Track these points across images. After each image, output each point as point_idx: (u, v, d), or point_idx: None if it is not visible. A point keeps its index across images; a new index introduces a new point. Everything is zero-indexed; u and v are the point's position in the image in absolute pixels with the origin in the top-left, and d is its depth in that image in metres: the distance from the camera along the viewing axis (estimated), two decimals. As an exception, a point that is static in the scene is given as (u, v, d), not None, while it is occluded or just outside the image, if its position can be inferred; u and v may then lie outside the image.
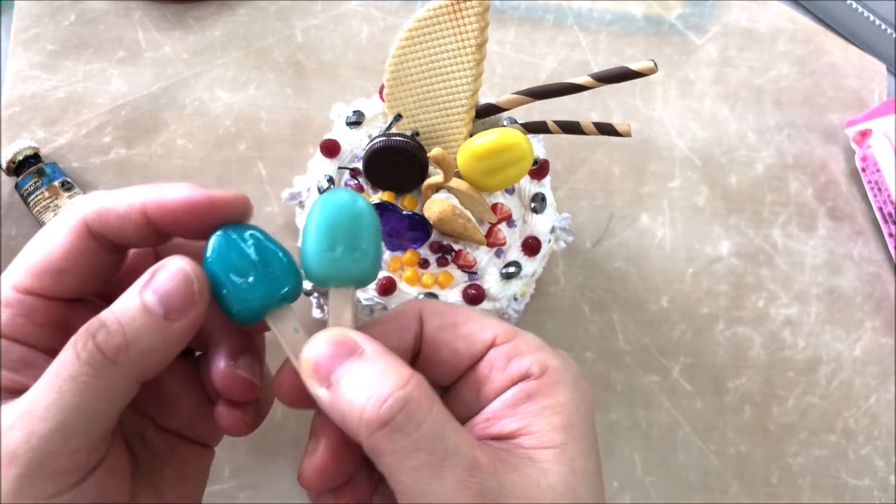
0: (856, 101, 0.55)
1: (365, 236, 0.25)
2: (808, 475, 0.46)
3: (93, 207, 0.24)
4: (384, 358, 0.23)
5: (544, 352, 0.25)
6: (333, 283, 0.25)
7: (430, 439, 0.22)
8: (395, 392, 0.22)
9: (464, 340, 0.26)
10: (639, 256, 0.49)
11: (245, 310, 0.24)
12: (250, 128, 0.49)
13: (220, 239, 0.24)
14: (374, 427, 0.22)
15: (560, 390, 0.24)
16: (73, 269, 0.24)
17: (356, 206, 0.25)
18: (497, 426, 0.25)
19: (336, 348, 0.23)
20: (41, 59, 0.49)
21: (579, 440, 0.24)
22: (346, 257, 0.25)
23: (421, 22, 0.34)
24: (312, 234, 0.25)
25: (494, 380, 0.25)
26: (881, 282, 0.50)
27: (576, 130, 0.36)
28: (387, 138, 0.35)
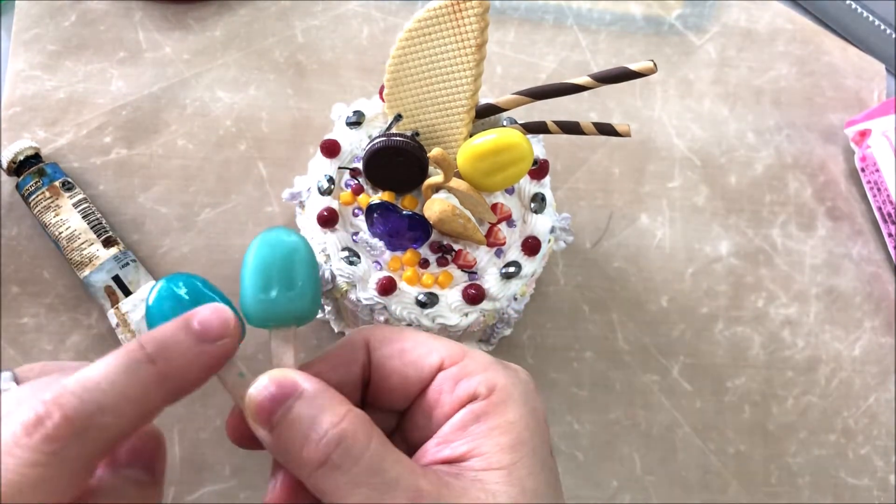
0: (855, 101, 0.55)
1: (300, 274, 0.25)
2: (807, 475, 0.46)
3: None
4: (322, 395, 0.23)
5: (493, 370, 0.25)
6: (273, 324, 0.25)
7: (369, 474, 0.22)
8: (331, 429, 0.22)
9: (412, 366, 0.26)
10: (638, 256, 0.49)
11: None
12: (250, 128, 0.49)
13: (160, 291, 0.25)
14: (312, 466, 0.22)
15: (508, 408, 0.24)
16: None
17: (287, 243, 0.25)
18: (447, 449, 0.25)
19: (276, 390, 0.23)
20: (42, 60, 0.49)
21: (528, 457, 0.24)
22: (282, 298, 0.25)
23: (421, 22, 0.34)
24: (247, 278, 0.25)
25: (444, 403, 0.25)
26: (880, 282, 0.51)
27: (575, 131, 0.36)
28: (387, 138, 0.35)
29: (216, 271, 0.45)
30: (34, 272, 0.44)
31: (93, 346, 0.43)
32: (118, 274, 0.43)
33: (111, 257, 0.43)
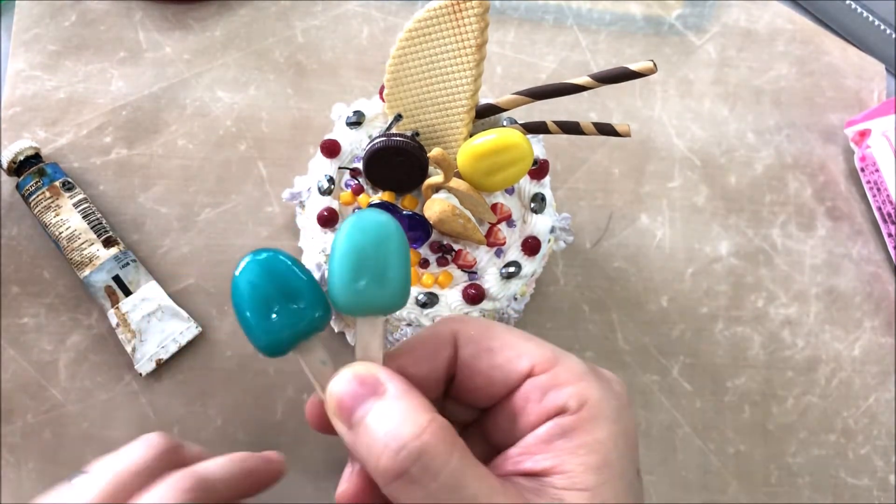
0: (855, 101, 0.56)
1: (392, 264, 0.24)
2: (807, 475, 0.46)
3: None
4: (405, 399, 0.23)
5: (586, 381, 0.24)
6: (360, 313, 0.24)
7: (447, 491, 0.21)
8: (411, 442, 0.21)
9: (499, 370, 0.25)
10: (638, 256, 0.49)
11: (272, 343, 0.24)
12: (251, 128, 0.49)
13: (247, 270, 0.24)
14: (389, 477, 0.21)
15: (598, 426, 0.23)
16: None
17: (383, 231, 0.24)
18: (529, 462, 0.24)
19: (359, 387, 0.23)
20: (42, 60, 0.49)
21: (615, 481, 0.23)
22: (373, 288, 0.24)
23: (421, 22, 0.34)
24: (337, 264, 0.24)
25: (530, 412, 0.24)
26: (880, 281, 0.51)
27: (575, 131, 0.36)
28: (387, 138, 0.35)
29: (216, 271, 0.45)
30: (34, 272, 0.44)
31: (93, 347, 0.43)
32: (118, 274, 0.43)
33: (111, 257, 0.43)
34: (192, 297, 0.45)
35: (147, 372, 0.43)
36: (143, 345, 0.43)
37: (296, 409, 0.43)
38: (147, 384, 0.43)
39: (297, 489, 0.42)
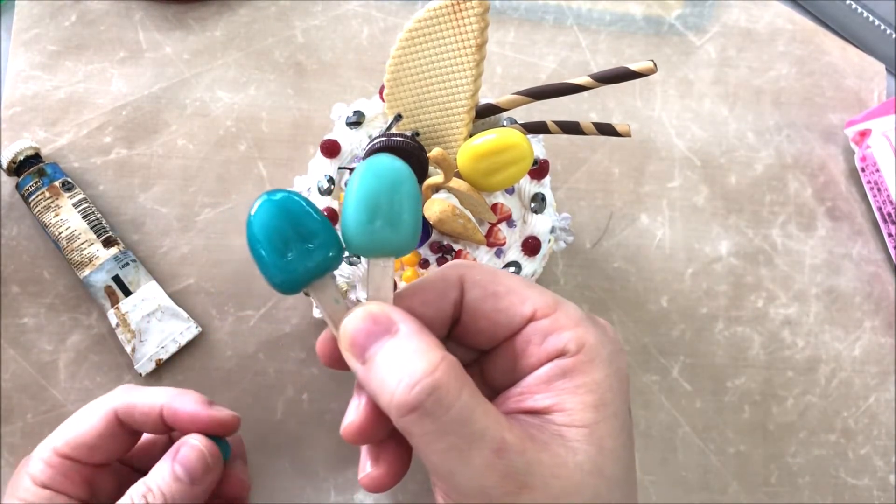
0: (855, 101, 0.55)
1: (406, 208, 0.25)
2: (807, 475, 0.46)
3: (123, 401, 0.32)
4: (418, 337, 0.24)
5: (583, 326, 0.25)
6: (373, 254, 0.25)
7: (458, 424, 0.22)
8: (425, 378, 0.22)
9: (503, 313, 0.26)
10: (638, 256, 0.49)
11: (287, 281, 0.25)
12: (251, 128, 0.49)
13: (262, 208, 0.24)
14: (403, 411, 0.23)
15: (595, 367, 0.25)
16: (101, 445, 0.32)
17: (396, 175, 0.25)
18: (531, 401, 0.25)
19: (372, 325, 0.24)
20: (42, 60, 0.49)
21: (610, 419, 0.24)
22: (386, 229, 0.25)
23: (421, 22, 0.34)
24: (352, 206, 0.25)
25: (531, 354, 0.26)
26: (880, 282, 0.51)
27: (575, 130, 0.36)
28: (387, 138, 0.35)
29: (216, 271, 0.45)
30: (34, 272, 0.44)
31: (93, 346, 0.43)
32: (118, 274, 0.43)
33: (111, 257, 0.43)
34: (192, 297, 0.45)
35: (147, 372, 0.43)
36: (143, 345, 0.43)
37: (296, 409, 0.43)
38: (147, 384, 0.43)
39: (297, 489, 0.42)
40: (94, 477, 0.33)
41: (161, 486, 0.30)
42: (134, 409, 0.32)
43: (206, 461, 0.31)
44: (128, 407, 0.32)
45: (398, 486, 0.42)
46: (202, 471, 0.31)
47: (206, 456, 0.31)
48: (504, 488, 0.22)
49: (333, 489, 0.42)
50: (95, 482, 0.33)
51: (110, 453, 0.33)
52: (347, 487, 0.42)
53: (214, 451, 0.32)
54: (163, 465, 0.31)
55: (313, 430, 0.43)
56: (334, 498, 0.42)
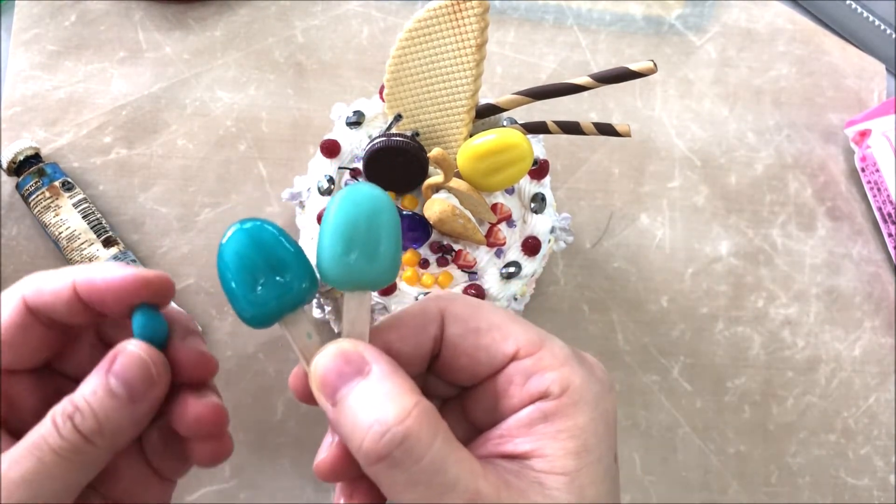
0: (855, 101, 0.55)
1: (383, 239, 0.24)
2: (807, 475, 0.46)
3: (31, 286, 0.25)
4: (390, 380, 0.23)
5: (569, 366, 0.24)
6: (348, 287, 0.24)
7: (428, 474, 0.21)
8: (395, 426, 0.21)
9: (484, 351, 0.25)
10: (638, 256, 0.49)
11: (257, 315, 0.24)
12: (250, 128, 0.49)
13: (232, 238, 0.23)
14: (371, 460, 0.22)
15: (579, 411, 0.24)
16: (11, 342, 0.25)
17: (375, 205, 0.24)
18: (510, 444, 0.24)
19: (343, 365, 0.23)
20: (42, 60, 0.49)
21: (593, 465, 0.23)
22: (363, 262, 0.24)
23: (421, 22, 0.34)
24: (328, 236, 0.24)
25: (512, 395, 0.24)
26: (880, 282, 0.51)
27: (576, 130, 0.36)
28: (387, 138, 0.35)
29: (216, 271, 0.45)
30: (34, 272, 0.44)
31: (93, 346, 0.43)
32: (118, 274, 0.43)
33: (111, 257, 0.43)
34: (192, 297, 0.45)
35: (147, 372, 0.42)
36: (143, 345, 0.42)
37: (296, 409, 0.43)
38: (147, 384, 0.43)
39: (297, 490, 0.42)
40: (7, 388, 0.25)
41: (92, 404, 0.23)
42: (43, 292, 0.25)
43: (149, 372, 0.24)
44: (37, 291, 0.25)
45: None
46: (144, 384, 0.24)
47: (148, 365, 0.24)
48: None
49: (333, 489, 0.42)
50: (10, 395, 0.26)
51: (22, 355, 0.26)
52: (347, 487, 0.42)
53: (160, 359, 0.25)
54: (94, 378, 0.24)
55: (313, 430, 0.43)
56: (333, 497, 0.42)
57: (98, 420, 0.23)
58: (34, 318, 0.25)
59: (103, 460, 0.24)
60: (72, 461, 0.22)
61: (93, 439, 0.23)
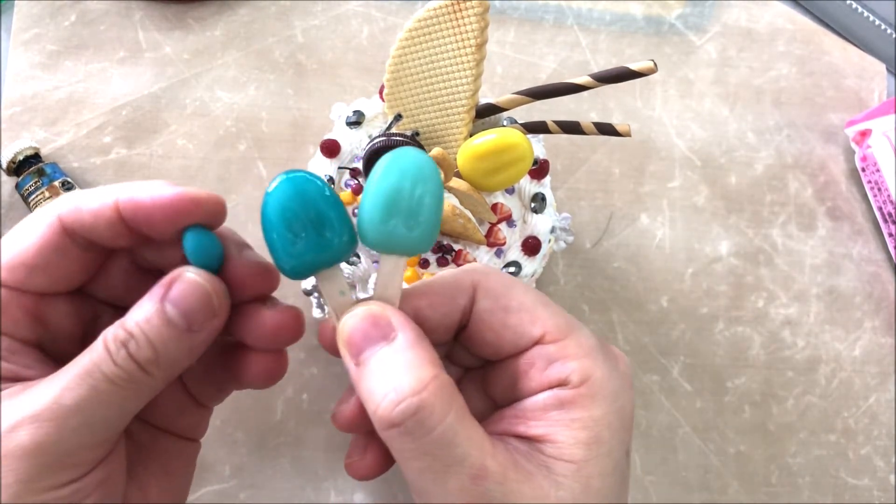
0: (855, 101, 0.55)
1: (425, 208, 0.24)
2: (807, 475, 0.46)
3: (68, 205, 0.23)
4: (413, 350, 0.23)
5: (592, 358, 0.24)
6: (386, 250, 0.24)
7: (437, 446, 0.22)
8: (411, 396, 0.22)
9: (511, 330, 0.25)
10: (638, 256, 0.49)
11: (296, 267, 0.24)
12: (250, 128, 0.49)
13: (278, 189, 0.23)
14: (384, 425, 0.22)
15: (596, 404, 0.24)
16: (45, 264, 0.23)
17: (421, 172, 0.24)
18: (523, 426, 0.24)
19: (370, 327, 0.23)
20: (41, 60, 0.49)
21: (602, 458, 0.23)
22: (402, 229, 0.24)
23: (421, 22, 0.34)
24: (370, 201, 0.24)
25: (532, 378, 0.25)
26: (881, 282, 0.51)
27: (576, 130, 0.36)
28: (387, 138, 0.35)
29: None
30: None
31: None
32: (118, 274, 0.43)
33: (111, 257, 0.43)
34: (191, 297, 0.45)
35: (147, 372, 0.42)
36: (143, 345, 0.42)
37: (296, 409, 0.43)
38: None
39: (297, 490, 0.42)
40: (42, 311, 0.24)
41: (148, 333, 0.22)
42: (82, 210, 0.23)
43: (209, 302, 0.23)
44: (75, 210, 0.23)
45: (398, 485, 0.42)
46: (205, 314, 0.23)
47: (209, 294, 0.23)
48: None
49: (333, 489, 0.42)
50: (46, 318, 0.24)
51: (56, 278, 0.24)
52: (347, 487, 0.42)
53: (220, 287, 0.23)
54: (147, 304, 0.22)
55: (313, 430, 0.43)
56: (334, 498, 0.42)
57: (154, 349, 0.22)
58: (70, 239, 0.24)
59: (157, 389, 0.23)
60: (126, 389, 0.22)
61: (148, 369, 0.22)
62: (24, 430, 0.20)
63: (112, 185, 0.24)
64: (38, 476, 0.20)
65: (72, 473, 0.21)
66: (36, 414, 0.20)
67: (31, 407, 0.20)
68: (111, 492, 0.23)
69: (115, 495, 0.23)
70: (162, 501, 0.26)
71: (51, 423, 0.20)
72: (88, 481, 0.21)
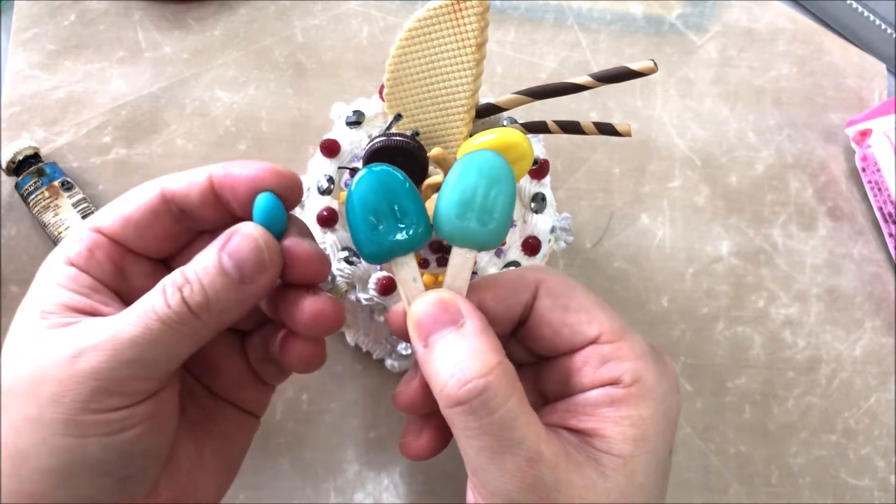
0: (856, 100, 0.55)
1: (498, 207, 0.26)
2: (808, 475, 0.46)
3: (169, 176, 0.27)
4: (480, 336, 0.25)
5: (644, 361, 0.26)
6: (459, 243, 0.27)
7: (498, 427, 0.23)
8: (477, 378, 0.23)
9: (568, 328, 0.27)
10: (639, 256, 0.49)
11: (375, 252, 0.26)
12: (250, 128, 0.49)
13: (363, 180, 0.26)
14: (450, 403, 0.24)
15: (644, 404, 0.25)
16: (140, 221, 0.26)
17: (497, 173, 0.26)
18: (575, 420, 0.26)
19: (441, 312, 0.25)
20: (41, 59, 0.49)
21: (648, 455, 0.25)
22: (475, 225, 0.26)
23: (421, 22, 0.34)
24: (448, 195, 0.26)
25: (585, 375, 0.26)
26: (881, 282, 0.50)
27: (576, 130, 0.36)
28: (387, 138, 0.35)
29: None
30: (34, 272, 0.44)
31: (92, 347, 0.43)
32: (117, 274, 0.43)
33: (110, 257, 0.43)
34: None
35: (146, 372, 0.42)
36: (143, 345, 0.42)
37: (296, 409, 0.43)
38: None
39: (296, 490, 0.42)
40: (126, 265, 0.27)
41: (203, 280, 0.24)
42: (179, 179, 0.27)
43: (261, 256, 0.24)
44: (174, 179, 0.27)
45: (399, 485, 0.42)
46: (256, 268, 0.24)
47: (262, 249, 0.24)
48: (529, 497, 0.23)
49: (333, 489, 0.42)
50: (127, 273, 0.27)
51: (147, 240, 0.27)
52: (347, 487, 0.42)
53: (274, 244, 0.25)
54: (207, 253, 0.25)
55: (313, 430, 0.43)
56: (334, 498, 0.42)
57: (206, 295, 0.24)
58: (166, 206, 0.27)
59: (206, 335, 0.25)
60: (176, 331, 0.23)
61: (199, 313, 0.24)
62: (85, 357, 0.22)
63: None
64: (93, 398, 0.22)
65: (123, 400, 0.23)
66: (97, 344, 0.23)
67: (95, 337, 0.23)
68: (158, 427, 0.25)
69: (162, 431, 0.25)
70: (214, 464, 0.28)
71: (107, 352, 0.23)
72: (137, 411, 0.23)
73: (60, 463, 0.22)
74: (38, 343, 0.24)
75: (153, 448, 0.25)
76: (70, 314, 0.24)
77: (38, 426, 0.22)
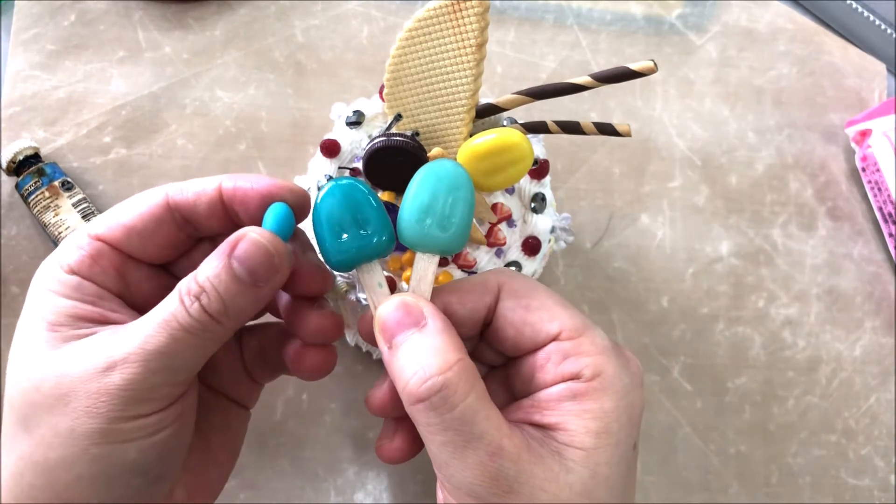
0: (856, 100, 0.55)
1: (457, 213, 0.27)
2: (808, 475, 0.46)
3: (176, 185, 0.28)
4: (441, 336, 0.25)
5: (605, 356, 0.26)
6: (420, 248, 0.28)
7: (459, 422, 0.24)
8: (437, 375, 0.24)
9: (530, 327, 0.27)
10: (639, 256, 0.49)
11: (341, 261, 0.27)
12: (250, 128, 0.49)
13: (329, 194, 0.27)
14: (412, 400, 0.25)
15: (606, 397, 0.26)
16: (143, 230, 0.27)
17: (454, 182, 0.28)
18: (538, 415, 0.26)
19: (404, 315, 0.26)
20: (41, 59, 0.49)
21: (610, 448, 0.25)
22: (436, 230, 0.27)
23: (421, 22, 0.34)
24: (409, 203, 0.27)
25: (547, 371, 0.27)
26: (881, 282, 0.51)
27: (576, 130, 0.36)
28: (387, 138, 0.35)
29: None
30: (34, 272, 0.44)
31: (92, 347, 0.43)
32: (118, 274, 0.43)
33: (111, 257, 0.43)
34: (191, 298, 0.45)
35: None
36: (143, 345, 0.42)
37: (296, 409, 0.43)
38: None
39: (296, 490, 0.42)
40: (128, 269, 0.27)
41: (218, 287, 0.24)
42: (186, 190, 0.27)
43: (272, 259, 0.25)
44: (181, 189, 0.27)
45: (398, 485, 0.42)
46: (267, 271, 0.25)
47: (271, 253, 0.25)
48: (492, 489, 0.24)
49: (333, 489, 0.42)
50: (129, 277, 0.27)
51: (148, 247, 0.27)
52: (347, 487, 0.42)
53: (282, 247, 0.26)
54: (215, 260, 0.25)
55: (313, 430, 0.43)
56: (334, 498, 0.42)
57: (223, 302, 0.25)
58: (171, 214, 0.27)
59: (227, 336, 0.26)
60: (200, 337, 0.25)
61: (219, 319, 0.25)
62: (118, 370, 0.23)
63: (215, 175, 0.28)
64: (127, 408, 0.23)
65: (155, 406, 0.24)
66: (125, 357, 0.23)
67: (123, 350, 0.24)
68: (185, 424, 0.26)
69: (188, 428, 0.26)
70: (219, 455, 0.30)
71: (137, 364, 0.23)
72: (168, 413, 0.25)
73: (101, 468, 0.23)
74: (55, 357, 0.24)
75: (182, 445, 0.26)
76: (80, 324, 0.25)
77: (73, 438, 0.23)
